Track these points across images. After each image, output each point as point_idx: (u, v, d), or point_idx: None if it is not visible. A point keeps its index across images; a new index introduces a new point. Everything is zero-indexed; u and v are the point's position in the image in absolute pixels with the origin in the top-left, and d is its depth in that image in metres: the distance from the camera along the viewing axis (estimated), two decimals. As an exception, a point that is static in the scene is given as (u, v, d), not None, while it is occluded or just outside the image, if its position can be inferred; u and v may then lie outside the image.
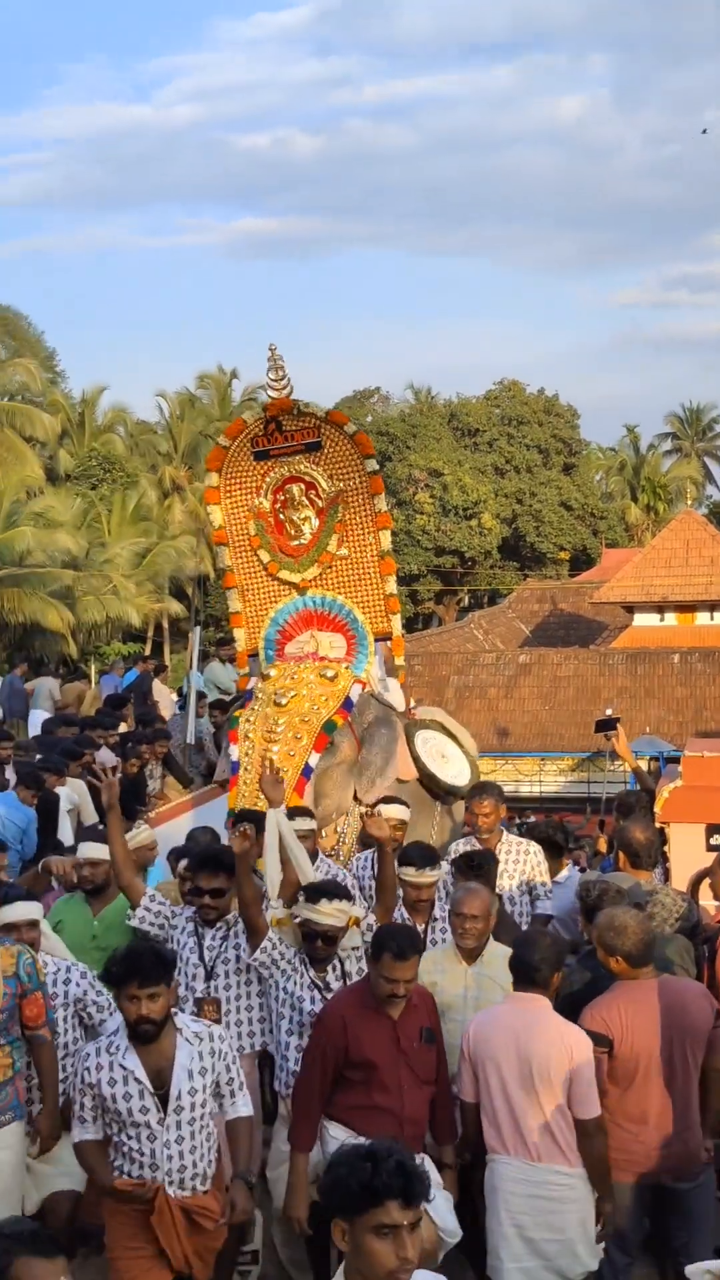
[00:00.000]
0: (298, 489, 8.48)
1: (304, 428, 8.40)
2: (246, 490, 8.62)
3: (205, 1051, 4.37)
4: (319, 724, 7.46)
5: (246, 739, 7.51)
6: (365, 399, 51.47)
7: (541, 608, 38.28)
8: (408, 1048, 4.79)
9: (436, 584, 46.08)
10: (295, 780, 7.17)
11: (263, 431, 8.45)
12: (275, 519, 8.56)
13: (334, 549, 8.48)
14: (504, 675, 29.27)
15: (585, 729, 27.80)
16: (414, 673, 29.50)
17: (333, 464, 8.41)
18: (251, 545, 8.63)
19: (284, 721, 7.45)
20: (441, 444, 46.30)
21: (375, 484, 8.46)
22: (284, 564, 8.57)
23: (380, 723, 7.91)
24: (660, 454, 54.06)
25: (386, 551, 8.61)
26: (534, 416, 48.65)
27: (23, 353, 36.21)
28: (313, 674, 7.74)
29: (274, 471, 8.52)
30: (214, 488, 8.72)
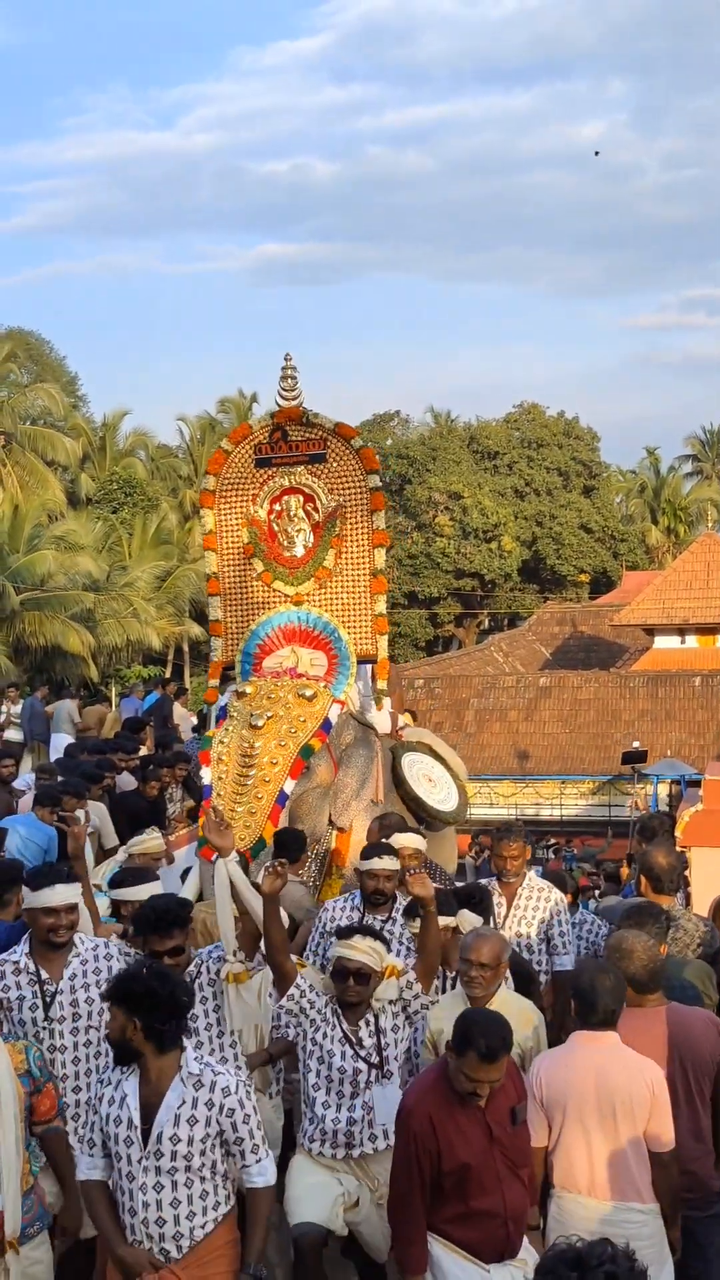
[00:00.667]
0: (295, 501, 8.35)
1: (310, 439, 8.29)
2: (243, 497, 8.46)
3: (202, 1100, 3.89)
4: (296, 749, 7.23)
5: (220, 762, 7.22)
6: (385, 422, 51.59)
7: (562, 630, 38.21)
8: (501, 1136, 4.29)
9: (456, 606, 46.05)
10: (270, 808, 6.99)
11: (268, 439, 8.34)
12: (269, 529, 8.39)
13: (330, 564, 8.34)
14: (524, 698, 29.21)
15: (606, 752, 27.75)
16: (434, 695, 29.48)
17: (334, 477, 8.29)
18: (244, 553, 8.45)
19: (260, 745, 7.19)
20: (461, 467, 46.36)
21: (376, 500, 8.35)
22: (279, 574, 8.39)
23: (359, 744, 7.68)
24: (681, 476, 53.97)
25: (380, 570, 8.44)
26: (554, 439, 48.68)
27: (45, 378, 36.51)
28: (290, 693, 7.49)
29: (274, 480, 8.38)
30: (209, 491, 8.54)
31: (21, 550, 27.33)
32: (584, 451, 49.28)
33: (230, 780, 7.07)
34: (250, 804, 6.98)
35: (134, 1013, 3.84)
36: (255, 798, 7.00)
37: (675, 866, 5.98)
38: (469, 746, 28.47)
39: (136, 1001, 3.85)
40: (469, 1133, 4.22)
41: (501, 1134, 4.28)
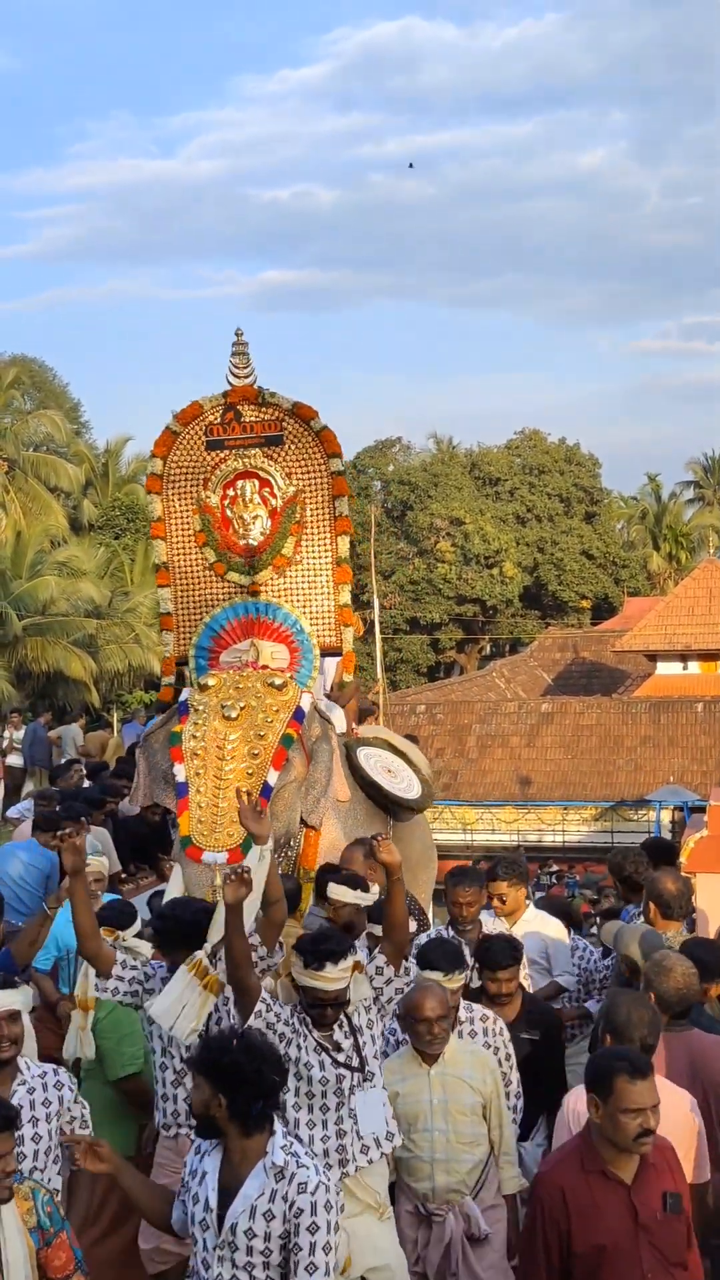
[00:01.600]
0: (250, 485, 7.88)
1: (265, 420, 7.81)
2: (194, 481, 7.97)
3: (280, 1193, 3.51)
4: (275, 738, 6.83)
5: (195, 757, 6.77)
6: (387, 448, 51.72)
7: (563, 656, 38.23)
8: (649, 1221, 3.74)
9: (458, 632, 46.05)
10: (256, 801, 6.48)
11: (219, 420, 7.83)
12: (223, 515, 7.91)
13: (289, 553, 7.87)
14: (526, 724, 29.18)
15: (608, 778, 27.70)
16: (436, 721, 29.45)
17: (293, 461, 7.84)
18: (196, 542, 7.97)
19: (237, 736, 6.79)
20: (463, 493, 46.47)
21: (338, 485, 7.90)
22: (233, 565, 7.91)
23: (323, 739, 7.31)
24: (682, 502, 54.07)
25: (344, 559, 7.97)
26: (555, 465, 48.81)
27: (48, 404, 36.64)
28: (259, 682, 7.10)
29: (226, 464, 7.88)
30: (156, 475, 8.02)
31: (24, 576, 27.37)
32: (585, 478, 49.40)
33: (210, 776, 6.68)
34: (234, 799, 6.43)
35: (219, 1088, 3.55)
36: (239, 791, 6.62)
37: (684, 892, 5.94)
38: (471, 772, 28.42)
39: (222, 1076, 3.53)
40: (609, 1212, 3.71)
41: (650, 1219, 3.75)
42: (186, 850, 6.51)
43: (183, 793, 6.72)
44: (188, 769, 6.74)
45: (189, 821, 6.58)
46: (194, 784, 6.67)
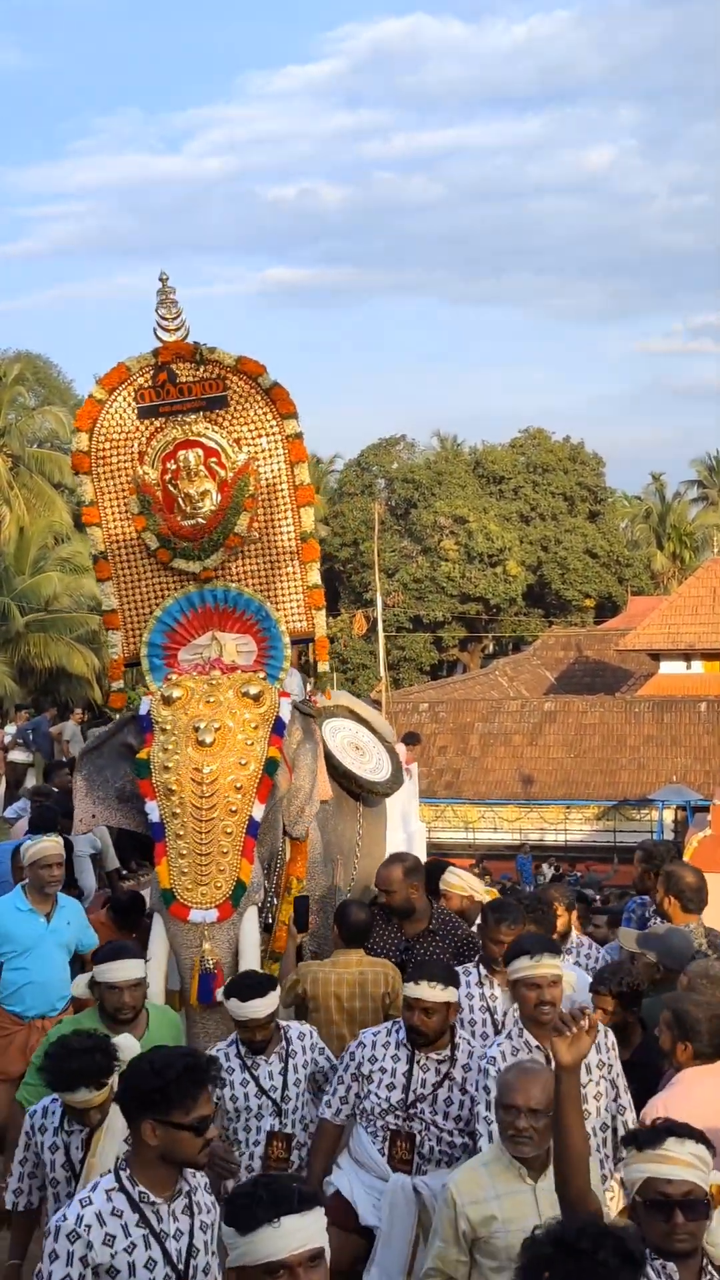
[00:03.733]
0: (194, 456, 6.82)
1: (205, 379, 6.80)
2: (127, 456, 6.91)
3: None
4: (259, 765, 5.99)
5: (170, 793, 5.89)
6: (391, 446, 51.67)
7: (566, 655, 38.20)
8: None
9: (461, 631, 46.02)
10: (243, 843, 5.86)
11: (150, 382, 6.81)
12: (165, 493, 6.86)
13: (244, 530, 6.86)
14: (529, 723, 29.15)
15: (611, 777, 27.67)
16: (438, 719, 29.41)
17: (240, 425, 6.85)
18: (135, 527, 6.94)
19: (215, 767, 5.89)
20: (467, 491, 46.43)
21: (296, 450, 6.92)
22: (180, 550, 6.87)
23: (305, 739, 6.53)
24: (686, 502, 53.99)
25: (309, 534, 7.04)
26: (559, 464, 48.76)
27: (52, 400, 36.58)
28: (231, 692, 6.16)
29: (164, 433, 6.86)
30: (83, 452, 6.93)
31: (27, 572, 27.37)
32: (590, 477, 49.36)
33: (188, 816, 5.83)
34: (219, 842, 5.84)
35: None
36: (223, 833, 5.83)
37: (702, 885, 5.89)
38: (473, 771, 28.40)
39: None
40: None
41: None
42: (170, 907, 5.75)
43: (159, 836, 5.89)
44: (162, 808, 5.90)
45: (169, 872, 5.81)
46: (171, 826, 5.85)
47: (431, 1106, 4.65)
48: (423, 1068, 4.69)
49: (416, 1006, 4.61)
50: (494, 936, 5.26)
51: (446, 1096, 4.65)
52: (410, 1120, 4.66)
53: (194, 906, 5.72)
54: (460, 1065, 4.70)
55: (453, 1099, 4.66)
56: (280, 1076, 4.84)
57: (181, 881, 5.77)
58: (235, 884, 5.77)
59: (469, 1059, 4.71)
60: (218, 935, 5.73)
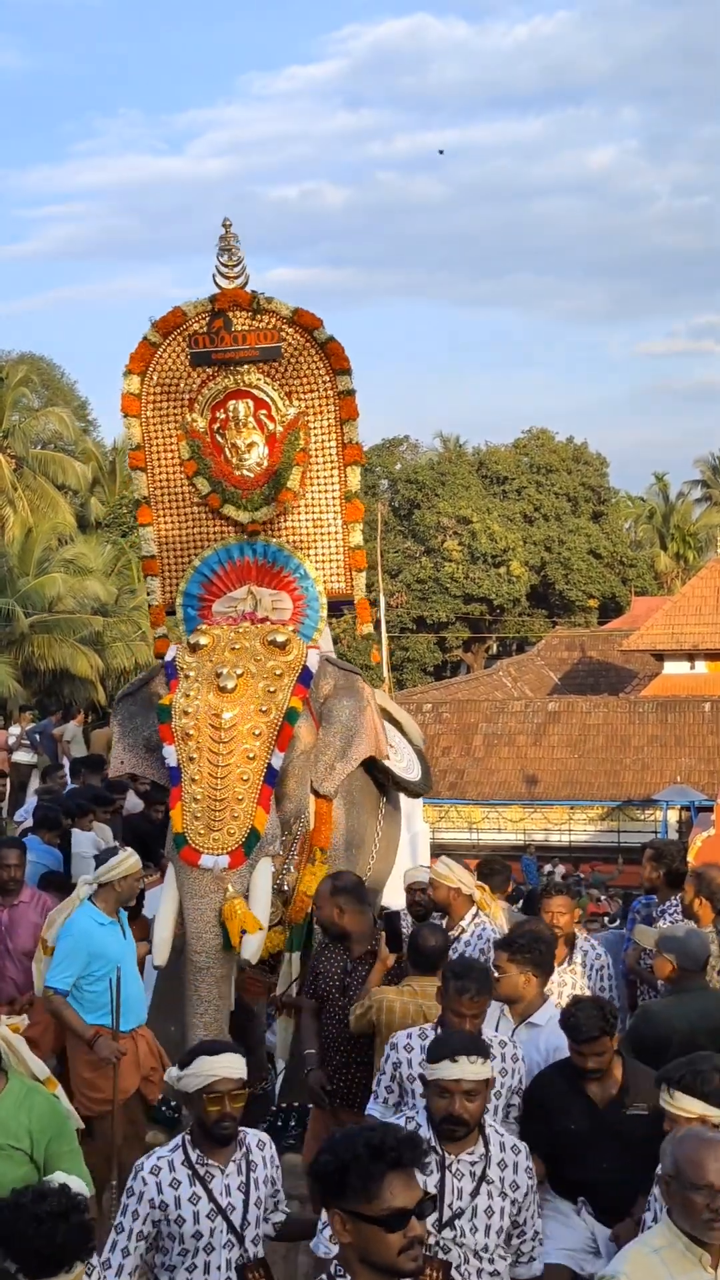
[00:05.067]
0: (244, 407, 6.74)
1: (260, 329, 6.69)
2: (178, 402, 6.84)
3: None
4: (279, 712, 5.80)
5: (188, 738, 5.72)
6: (394, 447, 51.70)
7: (570, 655, 38.16)
8: None
9: (465, 631, 46.02)
10: (259, 790, 5.68)
11: (206, 328, 6.69)
12: (212, 441, 6.79)
13: (296, 486, 6.75)
14: (533, 723, 29.13)
15: (615, 777, 27.65)
16: (442, 720, 29.40)
17: (293, 378, 6.72)
18: (185, 472, 6.85)
19: (235, 713, 5.70)
20: (470, 492, 46.43)
21: (348, 407, 6.77)
22: (229, 496, 6.78)
23: (341, 693, 6.27)
24: (690, 502, 53.96)
25: (354, 493, 6.92)
26: (563, 465, 48.75)
27: (55, 402, 36.66)
28: (257, 641, 6.00)
29: (215, 382, 6.77)
30: (134, 395, 6.83)
31: (31, 573, 27.39)
32: (593, 477, 49.35)
33: (204, 761, 5.64)
34: (234, 788, 5.65)
35: None
36: (239, 779, 5.64)
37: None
38: (477, 771, 28.38)
39: None
40: None
41: None
42: (181, 852, 5.61)
43: (175, 780, 5.75)
44: (179, 752, 5.73)
45: (182, 816, 5.68)
46: (187, 771, 5.69)
47: (471, 1222, 3.73)
48: (456, 1174, 3.74)
49: (456, 1090, 3.72)
50: (454, 1007, 4.40)
51: (487, 1206, 3.75)
52: (444, 1246, 3.70)
53: (205, 852, 5.58)
54: (496, 1162, 3.80)
55: (494, 1208, 3.76)
56: (240, 1194, 3.76)
57: (194, 826, 5.61)
58: (249, 831, 5.60)
59: (504, 1152, 3.83)
60: (228, 884, 5.56)
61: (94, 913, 5.86)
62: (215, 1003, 5.59)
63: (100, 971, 5.73)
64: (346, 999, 5.48)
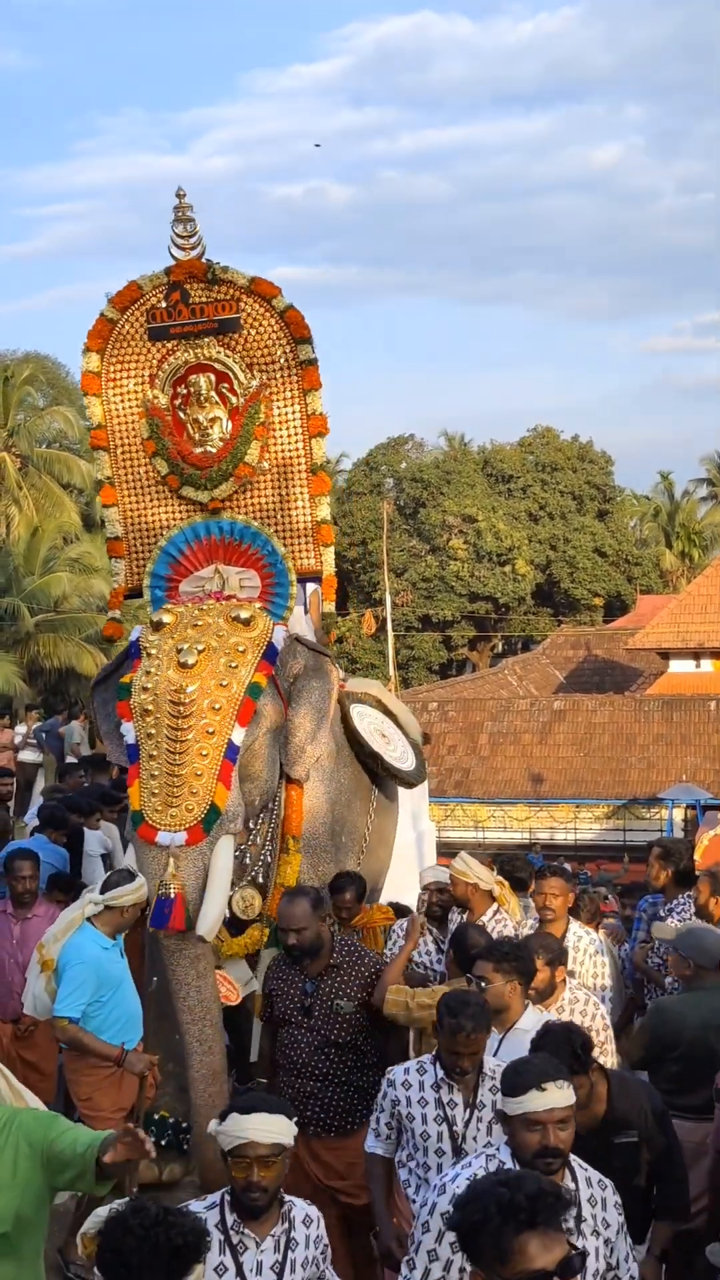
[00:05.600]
0: (205, 381, 6.60)
1: (218, 300, 6.54)
2: (138, 379, 6.70)
3: None
4: (240, 687, 5.64)
5: (146, 714, 5.57)
6: (399, 446, 51.66)
7: (576, 654, 38.13)
8: None
9: (470, 630, 46.00)
10: (219, 766, 5.50)
11: (163, 302, 6.57)
12: (174, 418, 6.65)
13: (254, 460, 6.59)
14: (538, 722, 29.12)
15: (620, 776, 27.64)
16: (448, 718, 29.39)
17: (253, 349, 6.57)
18: (145, 451, 6.72)
19: (195, 688, 5.54)
20: (475, 490, 46.40)
21: (310, 377, 6.60)
22: (188, 477, 6.65)
23: (310, 674, 6.14)
24: (695, 500, 53.88)
25: (320, 465, 6.74)
26: (568, 463, 48.72)
27: (60, 401, 36.61)
28: (220, 618, 5.86)
29: (175, 356, 6.63)
30: (93, 373, 6.70)
31: (37, 572, 27.43)
32: (598, 475, 49.31)
33: (163, 737, 5.49)
34: (193, 764, 5.47)
35: None
36: (199, 755, 5.47)
37: None
38: (482, 770, 28.38)
39: None
40: None
41: None
42: (139, 829, 5.49)
43: (133, 757, 5.61)
44: (138, 729, 5.60)
45: (140, 793, 5.54)
46: (145, 747, 5.55)
47: None
48: None
49: (549, 1121, 3.38)
50: (451, 1047, 4.17)
51: (581, 1246, 3.29)
52: None
53: (162, 829, 5.42)
54: (586, 1199, 3.47)
55: (588, 1248, 3.39)
56: (273, 1274, 3.35)
57: (151, 803, 5.47)
58: (209, 808, 5.43)
59: (592, 1187, 3.50)
60: (185, 862, 5.37)
61: (97, 936, 5.71)
62: (195, 984, 5.47)
63: (106, 996, 5.67)
64: (313, 1019, 5.06)
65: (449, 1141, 4.20)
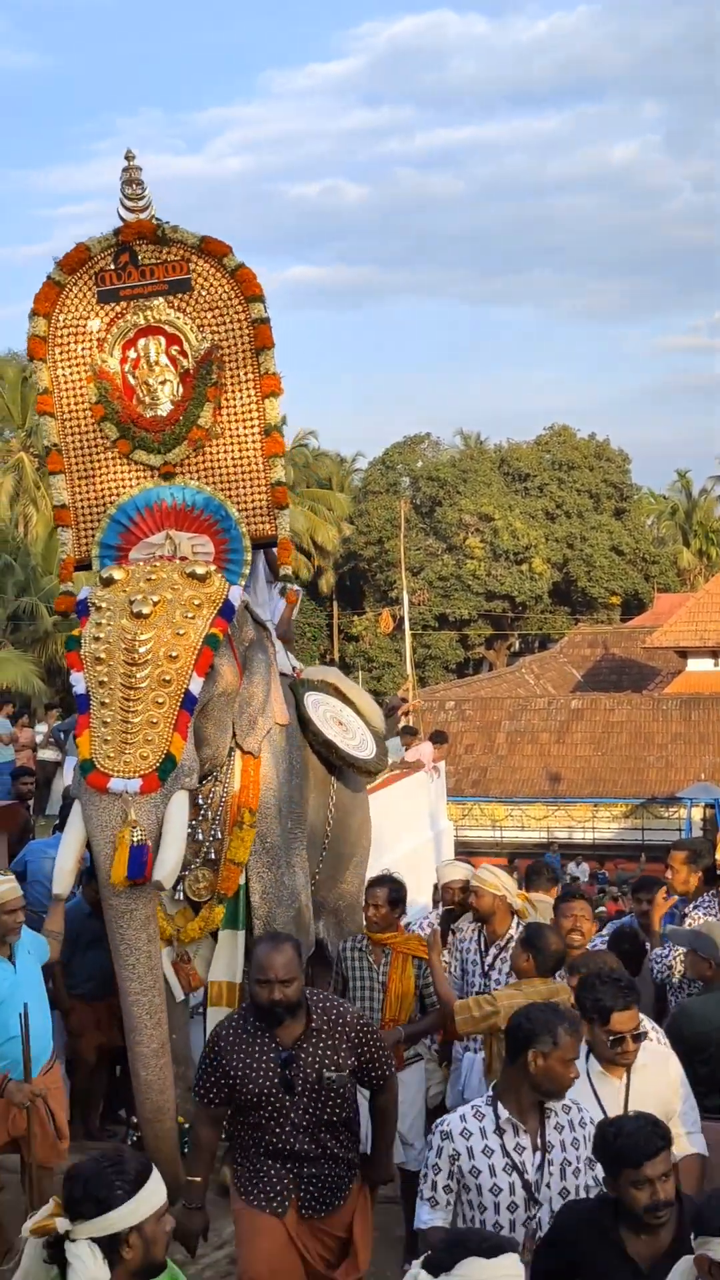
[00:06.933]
0: (155, 344, 6.48)
1: (167, 261, 6.43)
2: (86, 343, 6.55)
3: None
4: (198, 637, 5.40)
5: (98, 663, 5.31)
6: (415, 445, 51.61)
7: (593, 653, 38.07)
8: None
9: (487, 629, 45.96)
10: (175, 715, 5.26)
11: (112, 264, 6.45)
12: (124, 382, 6.53)
13: (207, 423, 6.45)
14: (556, 720, 29.08)
15: (638, 775, 27.57)
16: (465, 717, 29.37)
17: (204, 309, 6.44)
18: (93, 416, 6.57)
19: (150, 636, 5.32)
20: (492, 489, 46.35)
21: (262, 336, 6.41)
22: (140, 441, 6.52)
23: (257, 646, 6.00)
24: (713, 498, 53.72)
25: (274, 426, 6.54)
26: (585, 461, 48.61)
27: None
28: (175, 573, 5.66)
29: (125, 318, 6.51)
30: (40, 337, 6.53)
31: (55, 572, 27.48)
32: (615, 474, 49.18)
33: (116, 684, 5.25)
34: (148, 712, 5.23)
35: None
36: (154, 703, 5.24)
37: None
38: (500, 769, 28.35)
39: None
40: None
41: None
42: (88, 777, 5.12)
43: (83, 708, 5.32)
44: (89, 677, 5.34)
45: (90, 741, 5.21)
46: (97, 695, 5.28)
47: None
48: None
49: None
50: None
51: None
52: None
53: (114, 775, 5.09)
54: None
55: None
56: None
57: (103, 750, 5.15)
58: (165, 756, 5.15)
59: None
60: (140, 812, 5.04)
61: None
62: (146, 949, 5.11)
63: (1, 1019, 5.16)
64: (295, 1096, 4.21)
65: (521, 1193, 3.67)
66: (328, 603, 46.80)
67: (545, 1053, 3.66)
